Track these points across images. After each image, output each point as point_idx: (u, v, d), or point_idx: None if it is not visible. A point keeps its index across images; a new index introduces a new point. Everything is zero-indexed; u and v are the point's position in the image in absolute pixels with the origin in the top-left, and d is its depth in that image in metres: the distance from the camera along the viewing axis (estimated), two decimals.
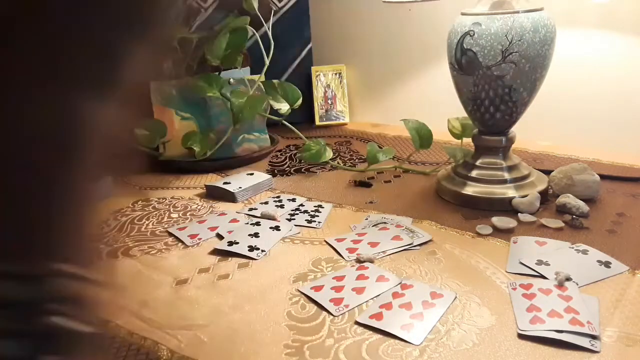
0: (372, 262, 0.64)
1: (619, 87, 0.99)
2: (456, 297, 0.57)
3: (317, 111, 1.26)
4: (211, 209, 0.83)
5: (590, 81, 1.01)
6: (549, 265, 0.62)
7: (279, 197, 0.86)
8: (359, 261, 0.65)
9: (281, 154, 1.08)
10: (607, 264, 0.62)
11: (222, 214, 0.80)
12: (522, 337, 0.51)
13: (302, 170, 0.99)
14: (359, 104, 1.32)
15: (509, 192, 0.78)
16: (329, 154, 0.99)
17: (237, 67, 1.06)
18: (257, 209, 0.81)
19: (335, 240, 0.71)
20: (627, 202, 0.79)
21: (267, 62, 1.06)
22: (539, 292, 0.56)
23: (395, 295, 0.57)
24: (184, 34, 1.04)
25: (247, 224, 0.76)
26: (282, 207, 0.82)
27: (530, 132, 0.98)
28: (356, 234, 0.72)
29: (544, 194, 0.79)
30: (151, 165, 0.99)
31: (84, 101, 0.22)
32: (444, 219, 0.76)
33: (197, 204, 0.85)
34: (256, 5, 1.05)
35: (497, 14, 0.73)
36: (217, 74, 1.03)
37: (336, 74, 1.28)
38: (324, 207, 0.81)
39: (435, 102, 1.15)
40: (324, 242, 0.71)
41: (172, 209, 0.83)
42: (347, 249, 0.68)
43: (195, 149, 0.97)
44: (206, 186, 0.90)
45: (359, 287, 0.59)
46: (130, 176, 0.90)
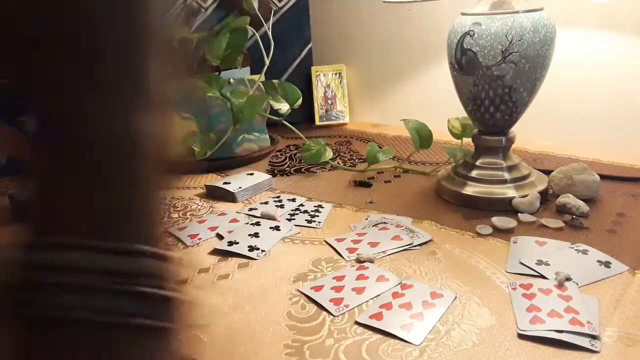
0: (372, 262, 0.64)
1: (619, 87, 0.99)
2: (456, 297, 0.57)
3: (317, 111, 1.26)
4: (211, 209, 0.83)
5: (590, 81, 1.01)
6: (549, 265, 0.62)
7: (279, 197, 0.86)
8: (359, 261, 0.65)
9: (281, 154, 1.08)
10: (607, 264, 0.62)
11: (222, 214, 0.80)
12: (522, 337, 0.51)
13: (302, 170, 0.99)
14: (359, 104, 1.32)
15: (509, 192, 0.78)
16: (329, 154, 0.99)
17: (237, 67, 1.06)
18: (257, 209, 0.81)
19: (335, 240, 0.71)
20: (627, 202, 0.79)
21: (267, 62, 1.07)
22: (539, 292, 0.56)
23: (395, 295, 0.57)
24: (184, 34, 1.03)
25: (247, 224, 0.76)
26: (282, 207, 0.82)
27: (530, 132, 0.98)
28: (356, 234, 0.72)
29: (544, 194, 0.79)
30: None
31: (132, 114, 0.25)
32: (444, 219, 0.76)
33: (197, 204, 0.85)
34: (256, 5, 1.05)
35: (497, 14, 0.73)
36: (217, 74, 1.03)
37: (336, 74, 1.28)
38: (324, 207, 0.81)
39: (435, 102, 1.16)
40: (324, 242, 0.71)
41: (172, 209, 0.83)
42: (347, 249, 0.68)
43: (195, 149, 0.97)
44: (206, 186, 0.90)
45: (359, 287, 0.59)
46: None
